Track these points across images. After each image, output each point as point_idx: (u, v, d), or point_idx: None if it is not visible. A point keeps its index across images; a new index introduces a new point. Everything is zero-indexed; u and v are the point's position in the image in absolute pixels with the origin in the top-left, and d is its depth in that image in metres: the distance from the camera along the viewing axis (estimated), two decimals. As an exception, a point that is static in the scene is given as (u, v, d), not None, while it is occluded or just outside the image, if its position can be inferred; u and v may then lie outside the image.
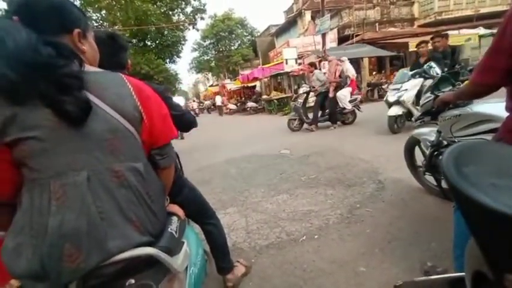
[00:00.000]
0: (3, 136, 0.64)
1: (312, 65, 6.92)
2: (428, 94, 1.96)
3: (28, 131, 0.64)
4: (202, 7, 18.79)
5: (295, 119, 6.59)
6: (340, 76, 6.19)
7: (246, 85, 18.29)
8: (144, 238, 0.73)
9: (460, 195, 0.50)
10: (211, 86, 32.16)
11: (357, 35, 13.47)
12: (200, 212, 1.48)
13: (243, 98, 18.92)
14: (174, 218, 0.96)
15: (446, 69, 4.31)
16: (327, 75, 6.41)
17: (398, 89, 4.60)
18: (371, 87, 11.36)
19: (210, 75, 36.70)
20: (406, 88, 4.47)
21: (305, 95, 6.40)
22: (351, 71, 6.48)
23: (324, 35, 10.66)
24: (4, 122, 0.63)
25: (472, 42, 11.29)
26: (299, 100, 6.43)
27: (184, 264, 0.84)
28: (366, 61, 12.72)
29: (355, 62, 12.63)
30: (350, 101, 6.04)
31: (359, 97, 6.31)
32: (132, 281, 0.71)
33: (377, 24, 14.42)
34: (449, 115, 1.77)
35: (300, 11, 17.59)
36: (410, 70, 4.79)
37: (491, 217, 0.47)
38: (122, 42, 1.17)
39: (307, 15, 16.65)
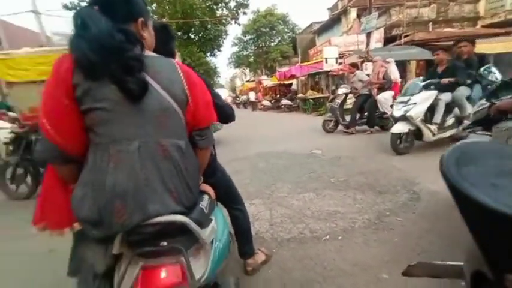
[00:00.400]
0: (80, 105, 0.77)
1: (354, 65, 6.68)
2: (483, 101, 1.80)
3: (98, 102, 0.77)
4: (245, 2, 19.05)
5: (331, 120, 6.40)
6: (384, 78, 5.85)
7: (282, 82, 18.19)
8: (178, 207, 0.83)
9: (460, 195, 0.51)
10: (248, 81, 32.54)
11: (405, 35, 12.52)
12: (229, 197, 1.58)
13: (278, 95, 18.86)
14: (206, 196, 1.06)
15: (469, 80, 3.81)
16: (370, 76, 6.10)
17: (406, 102, 3.95)
18: (417, 93, 10.51)
19: (247, 70, 37.13)
20: (415, 102, 3.82)
21: (343, 96, 6.17)
22: (395, 74, 6.11)
23: (368, 34, 10.15)
24: (82, 93, 0.76)
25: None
26: (336, 101, 6.18)
27: (210, 237, 0.93)
28: (413, 64, 11.81)
29: (401, 65, 11.78)
30: (391, 106, 5.71)
31: None
32: (165, 243, 0.82)
33: (431, 23, 13.23)
34: (506, 126, 1.61)
35: (345, 8, 16.86)
36: (425, 80, 4.09)
37: (491, 217, 0.47)
38: (173, 33, 1.31)
39: (353, 13, 15.90)
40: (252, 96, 19.23)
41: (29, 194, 3.51)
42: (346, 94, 6.20)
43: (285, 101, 15.31)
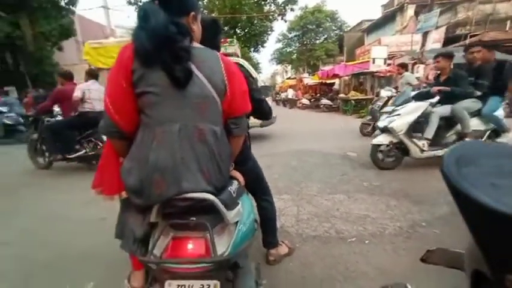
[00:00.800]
0: (135, 88, 0.90)
1: (403, 66, 6.18)
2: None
3: (149, 87, 0.89)
4: (294, -2, 18.77)
5: (369, 124, 6.05)
6: (434, 79, 5.34)
7: (324, 81, 17.65)
8: (209, 187, 0.93)
9: (460, 195, 0.50)
10: (289, 78, 32.21)
11: (472, 35, 11.10)
12: (259, 187, 1.65)
13: (318, 95, 18.36)
14: (235, 182, 1.14)
15: (478, 92, 3.28)
16: (420, 78, 5.63)
17: (390, 113, 3.62)
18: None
19: (289, 67, 36.75)
20: (400, 113, 3.45)
21: (386, 98, 5.76)
22: None
23: (425, 34, 9.24)
24: (138, 78, 0.89)
25: None
26: (378, 103, 5.83)
27: (235, 219, 1.00)
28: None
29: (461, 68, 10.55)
30: None
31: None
32: (194, 218, 0.93)
33: (508, 21, 11.47)
34: None
35: (403, 4, 15.58)
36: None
37: (491, 217, 0.46)
38: (220, 27, 1.41)
39: (410, 10, 14.64)
40: (290, 93, 19.01)
41: (47, 165, 4.21)
42: (390, 97, 5.74)
43: (324, 101, 14.86)
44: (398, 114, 3.47)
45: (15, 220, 2.55)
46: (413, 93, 3.74)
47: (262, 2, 18.74)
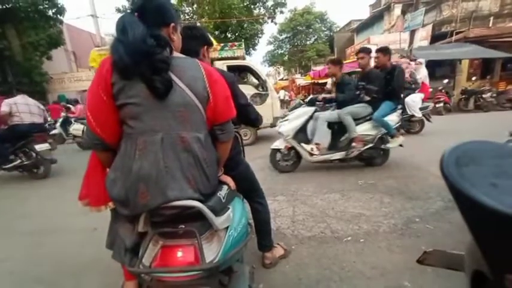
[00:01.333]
0: (116, 100, 0.90)
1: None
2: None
3: (130, 98, 0.89)
4: (283, 1, 18.93)
5: None
6: (410, 76, 5.41)
7: (316, 81, 17.79)
8: (195, 194, 0.92)
9: (460, 195, 0.50)
10: (281, 79, 32.38)
11: (457, 32, 11.35)
12: (251, 190, 1.64)
13: (311, 95, 18.45)
14: (225, 187, 1.14)
15: (367, 97, 3.32)
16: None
17: (284, 118, 3.73)
18: (466, 95, 9.45)
19: (281, 69, 36.93)
20: (289, 118, 3.57)
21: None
22: (424, 74, 5.60)
23: (412, 32, 9.44)
24: (118, 90, 0.89)
25: None
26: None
27: (224, 225, 0.99)
28: (465, 64, 10.67)
29: (450, 65, 10.77)
30: (420, 109, 5.27)
31: (431, 105, 5.46)
32: (183, 226, 0.92)
33: (491, 18, 11.77)
34: None
35: (389, 4, 15.86)
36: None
37: (491, 217, 0.46)
38: (204, 35, 1.38)
39: (397, 9, 14.92)
40: (282, 94, 19.10)
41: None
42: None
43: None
44: (287, 120, 3.58)
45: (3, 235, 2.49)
46: (309, 98, 3.85)
47: (252, 6, 18.84)
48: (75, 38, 16.11)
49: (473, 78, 10.09)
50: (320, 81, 17.34)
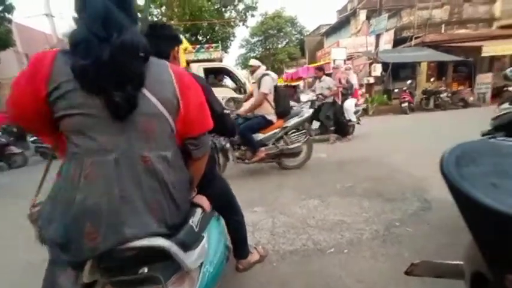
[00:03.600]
0: (53, 109, 0.69)
1: (321, 69, 5.87)
2: (507, 105, 1.63)
3: (74, 109, 0.68)
4: (254, 5, 19.03)
5: None
6: (346, 82, 5.66)
7: (289, 83, 18.06)
8: (161, 228, 0.73)
9: (460, 195, 0.50)
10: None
11: (416, 37, 12.23)
12: (227, 207, 1.48)
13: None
14: (198, 211, 0.95)
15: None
16: (334, 83, 5.61)
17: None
18: (426, 95, 10.20)
19: (254, 72, 37.07)
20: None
21: (309, 103, 5.48)
22: (354, 81, 5.91)
23: (378, 36, 9.94)
24: (58, 97, 0.68)
25: None
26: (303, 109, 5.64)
27: (198, 262, 0.82)
28: (423, 66, 11.50)
29: (411, 67, 11.52)
30: (354, 113, 5.48)
31: (361, 109, 5.72)
32: (146, 269, 0.72)
33: (443, 25, 12.88)
34: None
35: (355, 9, 16.63)
36: None
37: (491, 217, 0.46)
38: (166, 33, 1.16)
39: (362, 15, 15.67)
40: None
41: None
42: (313, 102, 5.51)
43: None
44: None
45: None
46: None
47: (223, 9, 18.69)
48: (28, 38, 14.65)
49: (432, 80, 10.88)
50: (293, 83, 17.64)
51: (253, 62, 3.79)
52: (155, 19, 16.29)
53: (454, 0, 13.21)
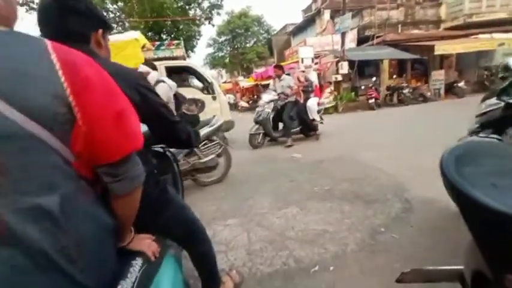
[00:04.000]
0: None
1: (280, 67, 5.62)
2: (494, 100, 1.54)
3: None
4: (219, 3, 18.54)
5: (259, 134, 5.37)
6: (306, 80, 5.72)
7: (259, 83, 17.93)
8: None
9: (460, 195, 0.50)
10: (225, 82, 32.04)
11: (377, 36, 12.82)
12: (188, 237, 1.16)
13: (255, 96, 18.54)
14: (136, 263, 0.65)
15: None
16: (294, 82, 5.51)
17: None
18: (390, 91, 10.75)
19: (223, 71, 36.55)
20: None
21: (272, 104, 5.19)
22: (314, 78, 6.04)
23: (343, 35, 10.18)
24: None
25: (505, 48, 10.45)
26: (266, 110, 5.15)
27: None
28: (386, 64, 12.08)
29: (375, 65, 12.03)
30: (317, 111, 5.44)
31: (323, 108, 5.73)
32: None
33: (400, 25, 13.68)
34: None
35: (319, 9, 17.01)
36: None
37: (491, 217, 0.46)
38: (78, 6, 0.79)
39: (326, 14, 16.06)
40: (232, 98, 18.69)
41: None
42: (275, 101, 5.24)
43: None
44: None
45: None
46: None
47: (187, 7, 17.91)
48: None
49: (394, 77, 11.46)
50: (263, 82, 17.54)
51: (142, 68, 2.92)
52: (111, 15, 15.11)
53: (407, 2, 14.12)
